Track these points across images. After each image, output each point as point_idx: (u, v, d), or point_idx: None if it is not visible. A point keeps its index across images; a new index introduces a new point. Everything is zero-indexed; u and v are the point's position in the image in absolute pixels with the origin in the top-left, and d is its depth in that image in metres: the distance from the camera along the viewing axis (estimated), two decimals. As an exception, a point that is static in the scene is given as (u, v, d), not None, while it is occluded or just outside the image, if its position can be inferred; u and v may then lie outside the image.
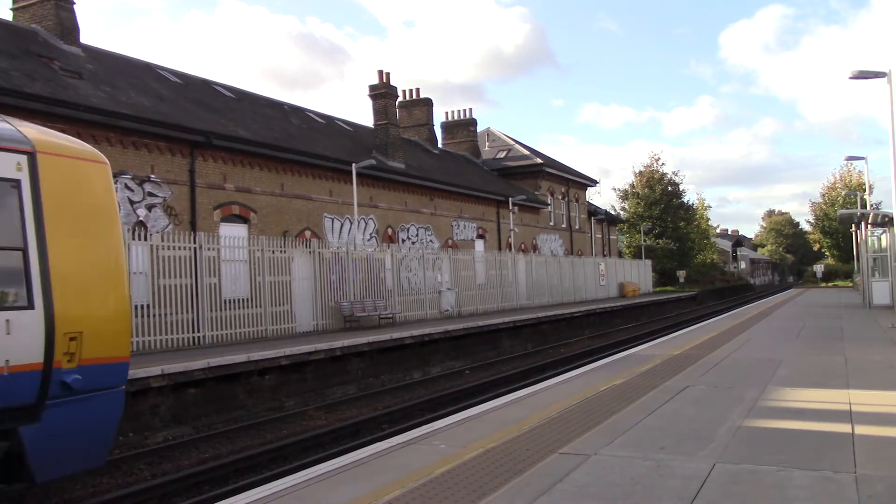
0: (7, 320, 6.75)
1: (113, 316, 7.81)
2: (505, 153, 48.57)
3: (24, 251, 7.05)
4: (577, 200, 52.10)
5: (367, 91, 32.89)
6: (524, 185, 44.78)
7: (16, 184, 7.07)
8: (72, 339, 7.21)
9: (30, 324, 6.92)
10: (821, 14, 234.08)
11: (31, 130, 7.59)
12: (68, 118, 16.83)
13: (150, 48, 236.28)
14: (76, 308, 7.34)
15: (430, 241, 32.64)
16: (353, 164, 25.13)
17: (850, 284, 64.29)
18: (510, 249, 39.03)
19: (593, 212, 56.22)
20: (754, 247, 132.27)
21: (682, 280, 64.88)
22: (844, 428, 7.74)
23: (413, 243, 30.68)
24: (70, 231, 7.47)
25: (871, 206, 46.41)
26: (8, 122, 7.48)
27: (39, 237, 7.14)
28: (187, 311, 18.02)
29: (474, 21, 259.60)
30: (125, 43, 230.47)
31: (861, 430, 7.63)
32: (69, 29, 22.06)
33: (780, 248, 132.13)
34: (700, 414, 8.73)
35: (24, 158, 7.17)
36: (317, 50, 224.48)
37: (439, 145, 44.34)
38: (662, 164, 72.98)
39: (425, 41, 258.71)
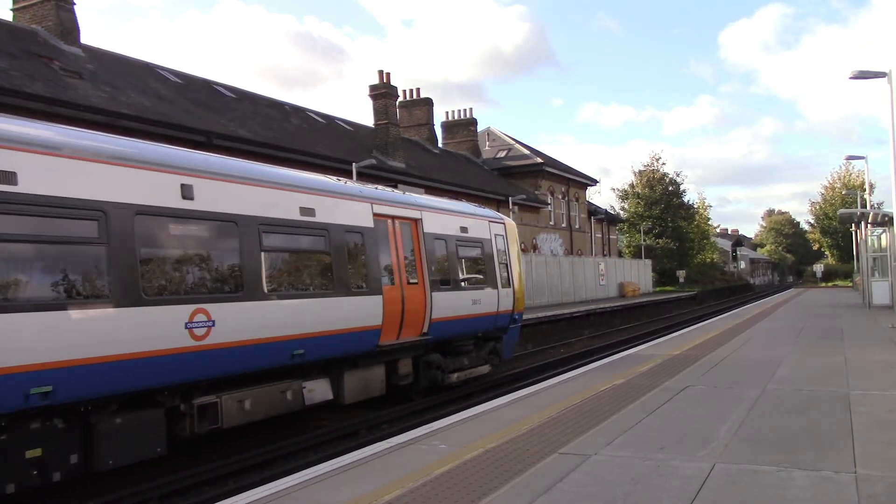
0: (507, 291, 16.23)
1: (522, 290, 17.42)
2: (505, 153, 48.55)
3: (507, 264, 16.49)
4: (577, 200, 52.08)
5: (366, 90, 32.93)
6: (524, 185, 44.77)
7: (503, 236, 16.59)
8: (517, 299, 16.70)
9: (510, 293, 16.40)
10: (821, 13, 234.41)
11: (497, 212, 17.83)
12: (68, 118, 16.82)
13: (148, 47, 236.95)
14: (517, 286, 16.82)
15: (431, 240, 32.63)
16: (354, 164, 25.13)
17: (850, 284, 64.23)
18: (510, 249, 38.99)
19: (593, 211, 56.20)
20: (754, 247, 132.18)
21: (682, 280, 64.82)
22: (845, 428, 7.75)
23: (413, 243, 30.67)
24: (514, 254, 17.04)
25: (872, 206, 46.36)
26: (486, 209, 17.44)
27: (510, 257, 16.74)
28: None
29: (473, 20, 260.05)
30: (122, 42, 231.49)
31: (861, 430, 7.63)
32: (69, 29, 22.04)
33: (780, 248, 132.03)
34: (700, 414, 8.73)
35: (503, 225, 16.87)
36: (315, 49, 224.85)
37: (439, 145, 44.33)
38: (663, 163, 72.85)
39: (424, 40, 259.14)
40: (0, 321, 6.80)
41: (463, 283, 14.63)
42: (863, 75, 22.38)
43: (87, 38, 22.73)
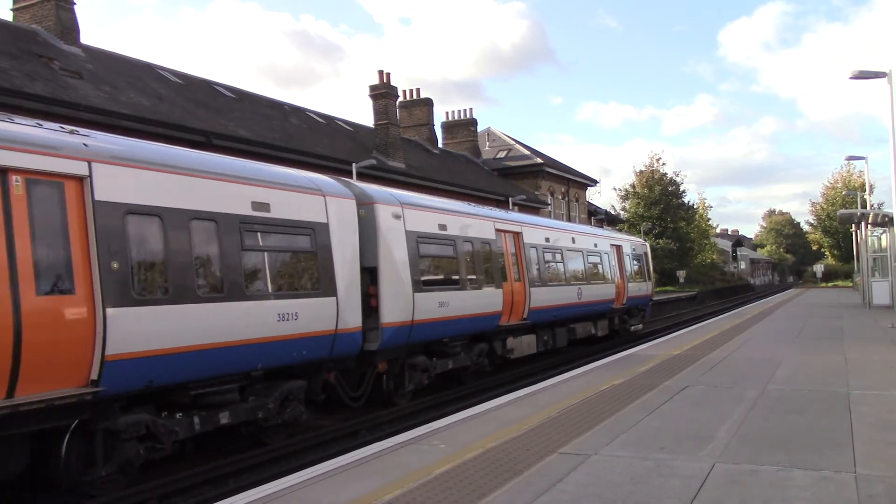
0: (649, 283, 29.74)
1: (654, 283, 32.87)
2: (505, 153, 48.53)
3: (648, 267, 30.06)
4: (577, 200, 52.08)
5: (364, 89, 33.07)
6: (524, 185, 44.75)
7: (646, 252, 30.03)
8: (652, 288, 31.03)
9: (651, 284, 30.23)
10: (822, 11, 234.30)
11: (642, 240, 33.71)
12: (68, 118, 16.81)
13: (143, 46, 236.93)
14: (652, 281, 30.92)
15: (431, 240, 32.71)
16: (354, 164, 25.11)
17: (850, 284, 64.22)
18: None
19: (593, 212, 56.19)
20: (754, 247, 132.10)
21: (682, 280, 64.80)
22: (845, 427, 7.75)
23: (413, 243, 30.79)
24: (650, 260, 30.97)
25: (872, 206, 46.32)
26: (639, 238, 33.91)
27: (649, 263, 30.44)
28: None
29: (471, 17, 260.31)
30: (117, 40, 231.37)
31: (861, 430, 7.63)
32: (69, 29, 22.02)
33: (780, 248, 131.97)
34: (700, 414, 8.73)
35: (646, 245, 31.58)
36: (312, 48, 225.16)
37: (439, 145, 44.31)
38: (663, 164, 72.78)
39: (422, 38, 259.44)
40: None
41: (636, 278, 27.14)
42: (863, 75, 22.37)
43: (82, 36, 22.66)
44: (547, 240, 19.57)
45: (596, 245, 23.47)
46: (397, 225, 12.89)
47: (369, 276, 12.20)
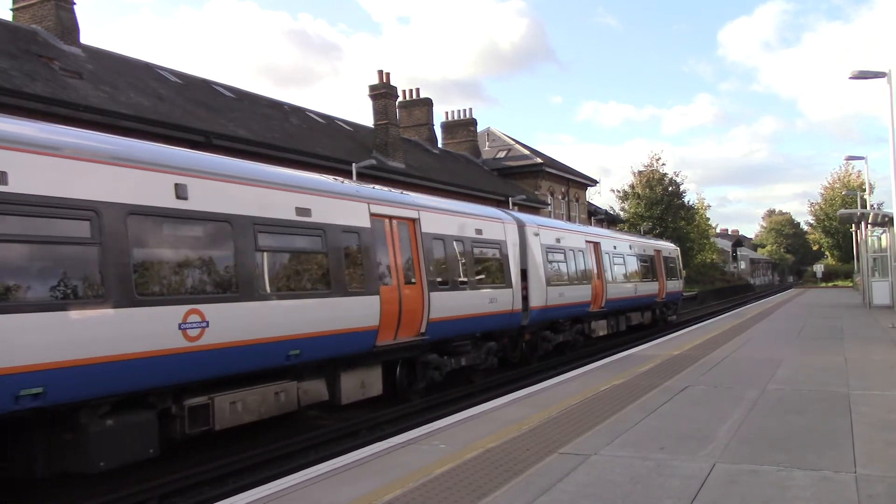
0: (680, 281, 35.38)
1: (680, 284, 35.36)
2: (505, 153, 48.50)
3: (679, 267, 35.75)
4: (577, 200, 52.06)
5: (363, 88, 33.11)
6: (524, 185, 44.73)
7: (678, 256, 36.03)
8: (682, 286, 36.65)
9: (681, 282, 35.82)
10: (822, 10, 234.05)
11: (673, 244, 38.16)
12: (68, 118, 16.80)
13: (141, 45, 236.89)
14: (682, 280, 36.71)
15: (431, 241, 32.74)
16: (354, 164, 25.11)
17: (850, 284, 64.23)
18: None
19: (593, 212, 56.16)
20: (754, 247, 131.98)
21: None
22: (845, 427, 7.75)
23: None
24: (680, 261, 36.97)
25: (872, 206, 46.31)
26: (667, 243, 37.41)
27: (680, 264, 36.40)
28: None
29: (470, 16, 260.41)
30: (114, 40, 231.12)
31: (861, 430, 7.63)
32: (69, 29, 22.00)
33: (780, 248, 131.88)
34: (700, 414, 8.72)
35: (678, 249, 37.63)
36: (310, 47, 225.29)
37: (439, 145, 44.29)
38: (663, 164, 72.68)
39: (421, 38, 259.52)
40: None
41: (671, 277, 31.85)
42: (862, 75, 22.35)
43: (80, 36, 22.62)
44: (615, 247, 25.22)
45: (644, 250, 29.08)
46: (536, 240, 18.75)
47: (521, 274, 17.54)
